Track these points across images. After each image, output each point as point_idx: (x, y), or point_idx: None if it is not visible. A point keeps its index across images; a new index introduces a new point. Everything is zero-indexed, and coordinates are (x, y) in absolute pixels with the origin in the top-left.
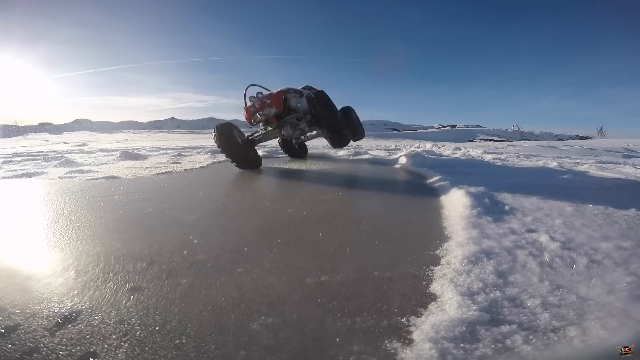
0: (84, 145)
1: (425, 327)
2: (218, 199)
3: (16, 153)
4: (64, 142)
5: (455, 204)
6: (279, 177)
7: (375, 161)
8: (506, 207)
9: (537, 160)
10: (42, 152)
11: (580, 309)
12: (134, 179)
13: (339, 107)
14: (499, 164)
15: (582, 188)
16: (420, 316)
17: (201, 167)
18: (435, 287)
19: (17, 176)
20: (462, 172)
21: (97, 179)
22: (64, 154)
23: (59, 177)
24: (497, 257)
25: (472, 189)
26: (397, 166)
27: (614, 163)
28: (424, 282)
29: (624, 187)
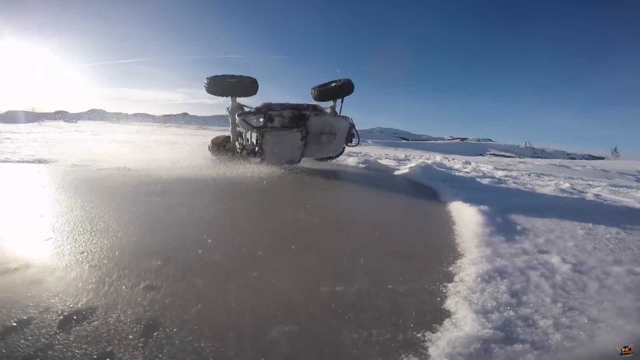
0: (98, 134)
1: (442, 343)
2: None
3: (32, 139)
4: (77, 131)
5: (468, 221)
6: (284, 184)
7: (384, 171)
8: (518, 227)
9: (549, 180)
10: (55, 139)
11: (591, 330)
12: (146, 170)
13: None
14: (510, 181)
15: (594, 211)
16: (436, 332)
17: (210, 161)
18: (449, 304)
19: (28, 161)
20: (472, 189)
21: (109, 168)
22: (77, 142)
23: (72, 165)
24: (510, 276)
25: (484, 207)
26: (407, 178)
27: (627, 187)
28: (438, 298)
29: (638, 213)
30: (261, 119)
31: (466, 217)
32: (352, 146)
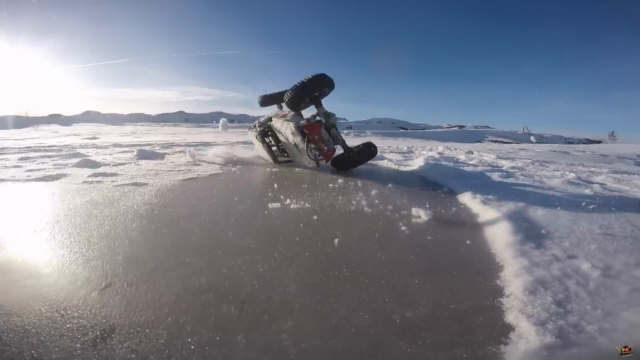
0: (94, 137)
1: (517, 353)
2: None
3: (29, 147)
4: (74, 135)
5: (495, 227)
6: (299, 185)
7: (393, 169)
8: (542, 231)
9: (555, 171)
10: (55, 146)
11: (631, 334)
12: (164, 187)
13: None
14: (518, 174)
15: (605, 205)
16: (508, 344)
17: (223, 170)
18: (509, 318)
19: (37, 179)
20: (486, 185)
21: (124, 185)
22: (77, 148)
23: (84, 182)
24: (551, 286)
25: (505, 209)
26: (418, 174)
27: (628, 173)
28: (498, 314)
29: None
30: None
31: (493, 223)
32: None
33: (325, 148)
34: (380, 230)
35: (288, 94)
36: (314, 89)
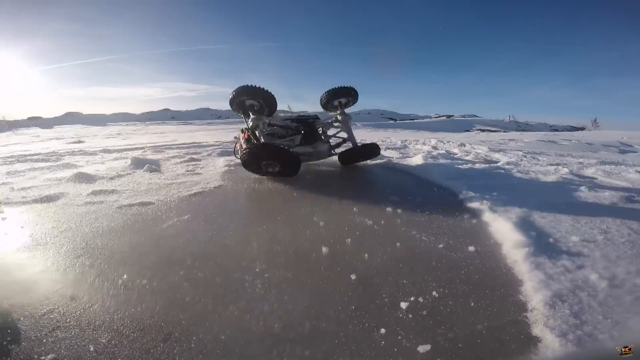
0: (79, 141)
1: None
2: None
3: (12, 155)
4: (57, 138)
5: (508, 239)
6: (300, 193)
7: (392, 168)
8: (550, 240)
9: (548, 165)
10: (40, 153)
11: (636, 340)
12: (171, 206)
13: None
14: (514, 170)
15: (600, 205)
16: (538, 354)
17: (226, 179)
18: (536, 331)
19: (34, 200)
20: (488, 186)
21: (130, 205)
22: (64, 156)
23: (86, 203)
24: (567, 299)
25: (513, 216)
26: (417, 174)
27: (615, 164)
28: (526, 328)
29: (636, 201)
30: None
31: (505, 234)
32: None
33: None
34: (382, 236)
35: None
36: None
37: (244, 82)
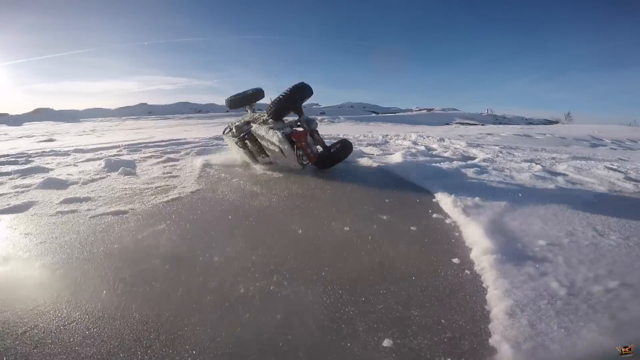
0: (51, 140)
1: None
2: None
3: None
4: (27, 136)
5: (479, 244)
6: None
7: (370, 167)
8: (519, 245)
9: (523, 162)
10: (8, 154)
11: (588, 350)
12: (146, 215)
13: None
14: (490, 168)
15: (569, 205)
16: None
17: (202, 183)
18: (493, 342)
19: (3, 210)
20: (463, 186)
21: (104, 214)
22: (35, 157)
23: (57, 213)
24: (526, 308)
25: (485, 219)
26: (397, 174)
27: (585, 159)
28: (485, 338)
29: (602, 199)
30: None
31: (475, 239)
32: None
33: (311, 152)
34: (372, 247)
35: (270, 106)
36: (294, 100)
37: (225, 74)
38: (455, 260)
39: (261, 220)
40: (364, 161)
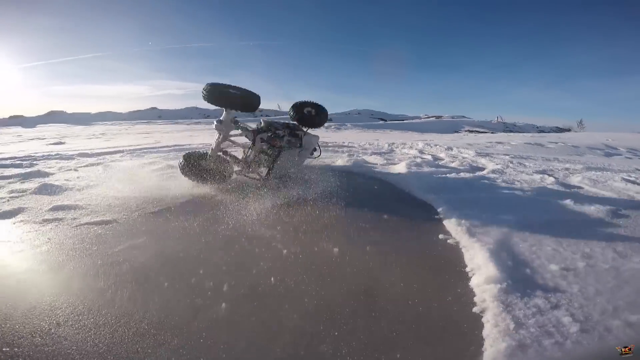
0: (60, 142)
1: None
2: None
3: None
4: (38, 139)
5: (483, 270)
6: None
7: (372, 178)
8: (528, 271)
9: (534, 173)
10: (15, 157)
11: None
12: (130, 226)
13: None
14: (500, 181)
15: (585, 222)
16: None
17: (196, 192)
18: None
19: None
20: (470, 201)
21: (88, 224)
22: (39, 161)
23: (43, 220)
24: (531, 348)
25: (491, 240)
26: (400, 187)
27: (601, 170)
28: None
29: (622, 215)
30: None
31: (479, 263)
32: (313, 158)
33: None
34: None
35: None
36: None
37: (234, 79)
38: (454, 290)
39: (245, 237)
40: (364, 171)
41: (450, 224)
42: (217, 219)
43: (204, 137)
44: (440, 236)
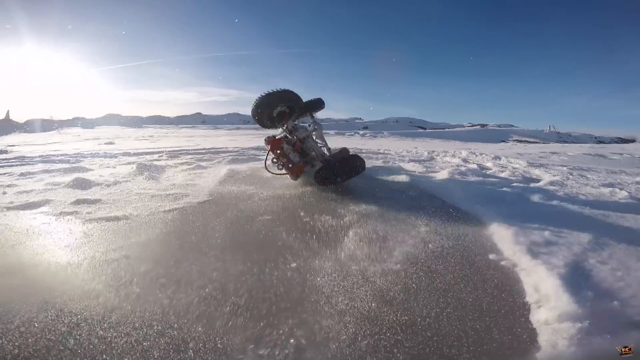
0: (110, 142)
1: None
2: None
3: (42, 155)
4: (94, 139)
5: (552, 302)
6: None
7: (410, 186)
8: (615, 303)
9: (601, 186)
10: (67, 154)
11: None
12: (139, 223)
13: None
14: (561, 193)
15: None
16: None
17: (215, 194)
18: None
19: (17, 207)
20: (527, 215)
21: (100, 219)
22: (85, 158)
23: (61, 213)
24: None
25: (561, 263)
26: (441, 199)
27: None
28: None
29: None
30: None
31: (547, 292)
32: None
33: (289, 163)
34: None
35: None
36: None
37: (272, 87)
38: (512, 329)
39: (253, 243)
40: (401, 178)
41: (503, 242)
42: (229, 220)
43: (241, 141)
44: (492, 256)
